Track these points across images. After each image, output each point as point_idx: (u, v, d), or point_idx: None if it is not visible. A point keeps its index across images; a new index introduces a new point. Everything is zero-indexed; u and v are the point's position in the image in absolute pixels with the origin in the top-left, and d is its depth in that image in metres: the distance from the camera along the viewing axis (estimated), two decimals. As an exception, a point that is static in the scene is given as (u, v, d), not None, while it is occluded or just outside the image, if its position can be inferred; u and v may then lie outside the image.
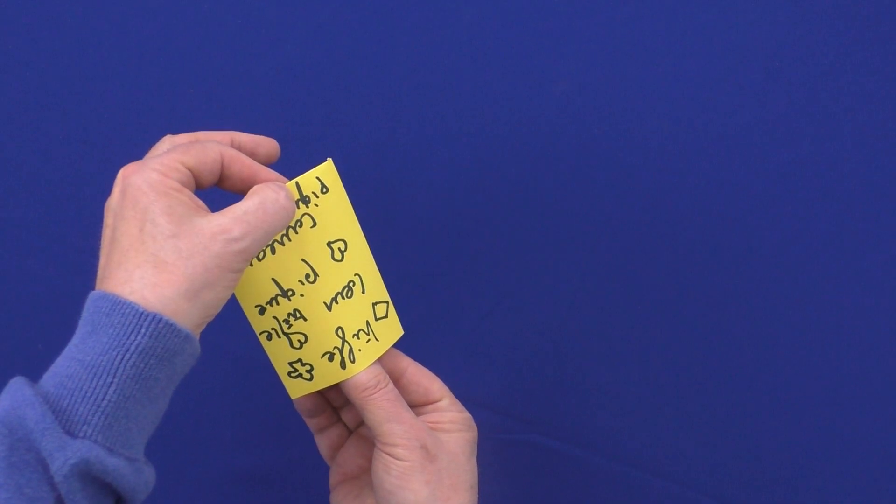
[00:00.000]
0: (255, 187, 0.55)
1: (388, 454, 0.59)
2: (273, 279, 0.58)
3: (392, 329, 0.63)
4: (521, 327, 0.73)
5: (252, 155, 0.58)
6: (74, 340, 0.51)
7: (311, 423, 0.65)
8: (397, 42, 0.72)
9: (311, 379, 0.61)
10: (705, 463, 0.73)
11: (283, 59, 0.73)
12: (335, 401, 0.64)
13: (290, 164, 0.63)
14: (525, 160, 0.72)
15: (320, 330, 0.60)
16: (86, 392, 0.48)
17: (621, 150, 0.72)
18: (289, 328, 0.60)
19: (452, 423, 0.62)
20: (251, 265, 0.58)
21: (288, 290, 0.59)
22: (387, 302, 0.63)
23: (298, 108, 0.73)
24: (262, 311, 0.59)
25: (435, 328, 0.72)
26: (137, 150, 0.63)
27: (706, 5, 0.72)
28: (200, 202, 0.54)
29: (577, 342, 0.73)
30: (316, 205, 0.59)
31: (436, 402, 0.63)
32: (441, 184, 0.72)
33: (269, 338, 0.60)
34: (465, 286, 0.73)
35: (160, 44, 0.73)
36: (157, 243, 0.51)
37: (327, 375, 0.61)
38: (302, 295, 0.59)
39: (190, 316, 0.51)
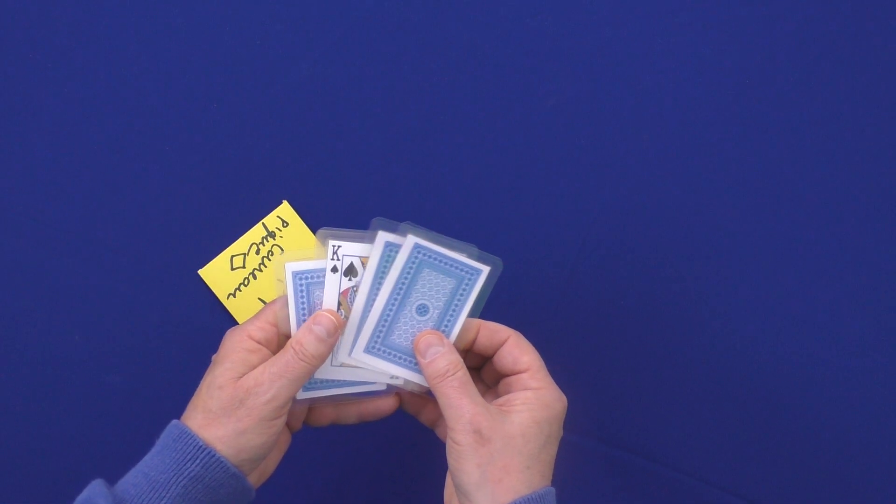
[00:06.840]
0: (289, 341, 0.61)
1: (450, 438, 0.61)
2: (259, 298, 0.73)
3: None
4: (517, 314, 0.77)
5: None
6: (147, 456, 0.60)
7: (423, 420, 0.69)
8: (405, 63, 0.78)
9: None
10: (689, 447, 0.77)
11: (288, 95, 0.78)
12: None
13: (292, 196, 0.74)
14: (522, 167, 0.77)
15: None
16: (143, 500, 0.58)
17: (606, 154, 0.77)
18: None
19: (525, 403, 0.62)
20: (241, 290, 0.73)
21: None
22: None
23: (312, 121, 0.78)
24: None
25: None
26: (165, 153, 0.73)
27: (683, 27, 0.76)
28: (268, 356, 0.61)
29: (569, 328, 0.77)
30: (281, 236, 0.73)
31: (521, 372, 0.63)
32: (447, 190, 0.78)
33: None
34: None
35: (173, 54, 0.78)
36: (208, 394, 0.60)
37: None
38: None
39: (235, 457, 0.59)
